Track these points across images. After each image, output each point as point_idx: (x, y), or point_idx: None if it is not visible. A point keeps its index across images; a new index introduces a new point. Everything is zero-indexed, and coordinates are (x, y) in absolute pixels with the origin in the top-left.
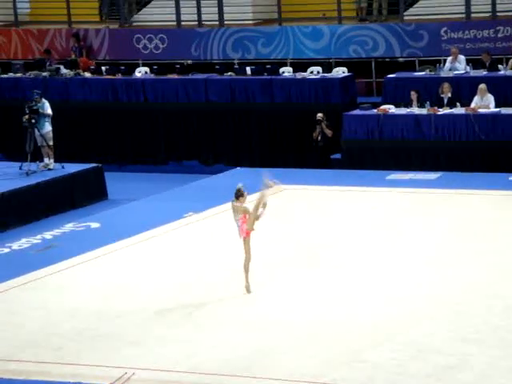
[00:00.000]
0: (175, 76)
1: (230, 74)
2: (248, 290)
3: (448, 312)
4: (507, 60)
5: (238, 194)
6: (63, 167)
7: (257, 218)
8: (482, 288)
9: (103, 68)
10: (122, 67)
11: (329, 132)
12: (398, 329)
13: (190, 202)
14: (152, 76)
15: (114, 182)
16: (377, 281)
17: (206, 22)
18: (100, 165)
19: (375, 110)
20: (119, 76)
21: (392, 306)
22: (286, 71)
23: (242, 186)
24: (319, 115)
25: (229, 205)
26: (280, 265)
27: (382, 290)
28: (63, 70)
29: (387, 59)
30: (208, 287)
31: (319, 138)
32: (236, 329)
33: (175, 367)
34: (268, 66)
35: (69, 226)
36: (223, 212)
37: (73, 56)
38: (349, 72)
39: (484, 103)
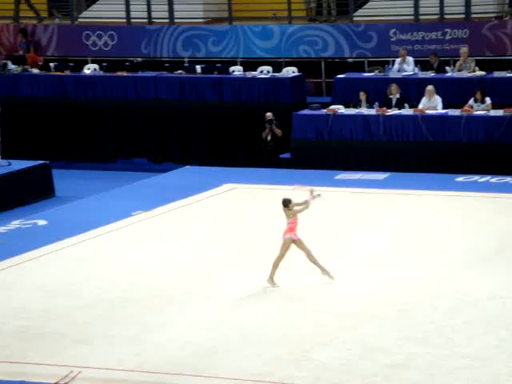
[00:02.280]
0: (124, 73)
1: (179, 72)
2: (272, 284)
3: (394, 312)
4: (454, 62)
5: (286, 203)
6: (10, 164)
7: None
8: (427, 288)
9: (51, 64)
10: (71, 64)
11: (278, 132)
12: (345, 328)
13: (138, 201)
14: (101, 73)
15: (62, 179)
16: (324, 280)
17: (156, 20)
18: (47, 162)
19: (325, 110)
20: (68, 72)
21: (339, 306)
22: (236, 70)
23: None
24: (268, 114)
25: (177, 203)
26: (228, 264)
27: (330, 289)
28: (10, 66)
29: (337, 59)
30: (156, 286)
31: (269, 137)
32: (184, 328)
33: (122, 366)
34: (218, 65)
35: (15, 224)
36: (172, 210)
37: (20, 52)
38: (299, 72)
39: (432, 104)
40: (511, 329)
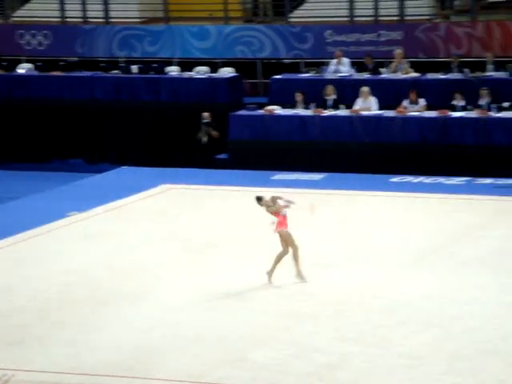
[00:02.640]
0: (59, 73)
1: (115, 72)
2: (301, 278)
3: (330, 311)
4: (389, 63)
5: (258, 201)
6: None
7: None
8: (363, 288)
9: None
10: (4, 63)
11: (214, 134)
12: (281, 328)
13: (73, 201)
14: (36, 72)
15: None
16: (260, 280)
17: (92, 19)
18: None
19: (261, 111)
20: (1, 72)
21: (276, 306)
22: (173, 70)
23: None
24: (205, 115)
25: (113, 204)
26: (165, 264)
27: (265, 289)
28: None
29: (273, 60)
30: (91, 287)
31: (204, 138)
32: (120, 329)
33: (56, 368)
34: (154, 65)
35: None
36: (108, 211)
37: None
38: (235, 72)
39: (367, 105)
40: (446, 328)
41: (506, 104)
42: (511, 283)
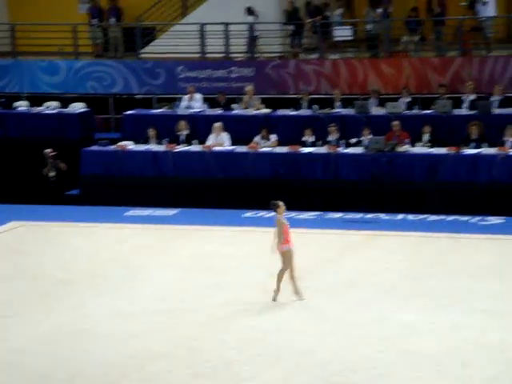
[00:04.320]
0: None
1: None
2: (299, 296)
3: (183, 348)
4: (240, 99)
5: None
6: None
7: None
8: (216, 323)
9: None
10: None
11: (63, 166)
12: (133, 366)
13: None
14: None
15: None
16: (112, 317)
17: None
18: None
19: (114, 146)
20: None
21: (127, 344)
22: (22, 105)
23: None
24: (47, 151)
25: None
26: (16, 302)
27: (115, 328)
28: None
29: (125, 96)
30: None
31: (51, 173)
32: None
33: None
34: (2, 100)
35: None
36: None
37: None
38: (87, 107)
39: (219, 141)
40: (295, 362)
41: (353, 140)
42: (358, 315)
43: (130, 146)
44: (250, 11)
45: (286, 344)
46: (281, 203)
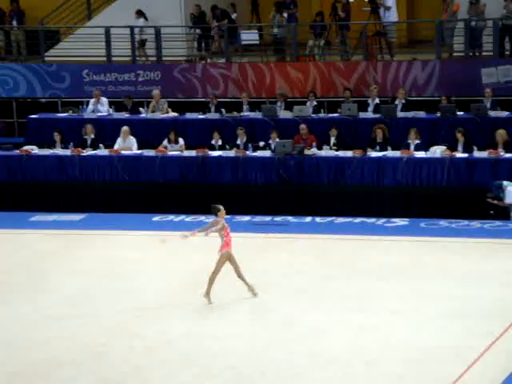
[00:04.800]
0: None
1: None
2: (208, 300)
3: (91, 355)
4: (148, 103)
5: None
6: None
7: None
8: (124, 328)
9: None
10: None
11: None
12: (38, 374)
13: None
14: None
15: None
16: (12, 328)
17: None
18: None
19: (17, 151)
20: None
21: (28, 353)
22: None
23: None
24: None
25: None
26: None
27: (15, 335)
28: None
29: (29, 99)
30: None
31: None
32: None
33: None
34: None
35: None
36: None
37: None
38: None
39: (127, 145)
40: (204, 366)
41: (261, 143)
42: (268, 318)
43: (34, 150)
44: (140, 13)
45: (195, 349)
46: (221, 207)
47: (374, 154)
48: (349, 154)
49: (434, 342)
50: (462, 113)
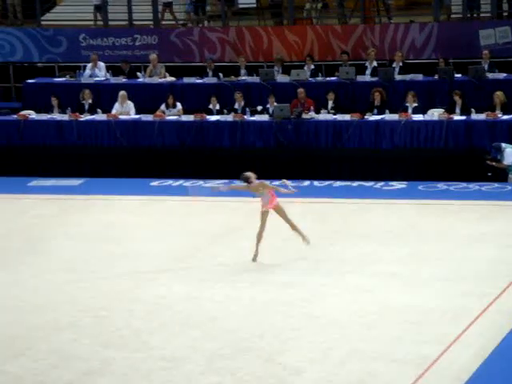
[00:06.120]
0: None
1: None
2: (255, 259)
3: (91, 318)
4: (145, 68)
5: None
6: None
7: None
8: (124, 293)
9: None
10: None
11: None
12: (39, 338)
13: None
14: None
15: None
16: (17, 290)
17: None
18: None
19: (15, 116)
20: None
21: (29, 316)
22: None
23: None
24: None
25: None
26: None
27: (18, 298)
28: None
29: (26, 64)
30: None
31: None
32: None
33: None
34: None
35: None
36: None
37: None
38: None
39: (124, 110)
40: (203, 329)
41: (259, 108)
42: (265, 281)
43: (31, 115)
44: None
45: (194, 312)
46: (250, 173)
47: (371, 117)
48: (347, 117)
49: (432, 304)
50: (459, 75)
